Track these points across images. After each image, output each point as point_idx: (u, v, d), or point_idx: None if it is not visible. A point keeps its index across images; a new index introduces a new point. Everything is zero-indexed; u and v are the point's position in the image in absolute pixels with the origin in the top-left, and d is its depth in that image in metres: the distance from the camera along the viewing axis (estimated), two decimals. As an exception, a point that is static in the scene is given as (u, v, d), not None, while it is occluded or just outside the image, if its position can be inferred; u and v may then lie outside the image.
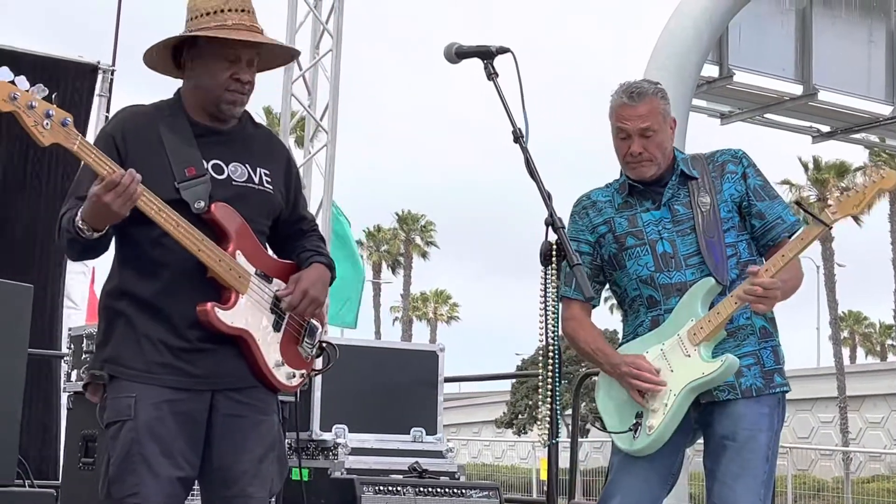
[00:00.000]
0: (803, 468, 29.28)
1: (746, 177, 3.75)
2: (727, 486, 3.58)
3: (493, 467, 33.75)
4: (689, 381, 3.56)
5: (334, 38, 9.40)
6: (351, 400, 5.41)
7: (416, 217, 53.18)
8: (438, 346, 5.79)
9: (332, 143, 9.35)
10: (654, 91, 3.74)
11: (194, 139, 3.33)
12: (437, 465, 5.39)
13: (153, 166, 3.25)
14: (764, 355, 3.69)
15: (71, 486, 5.21)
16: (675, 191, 3.74)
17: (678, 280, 3.66)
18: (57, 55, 7.89)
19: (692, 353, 3.58)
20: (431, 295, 56.56)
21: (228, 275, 3.24)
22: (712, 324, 3.56)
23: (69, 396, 5.40)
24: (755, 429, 3.61)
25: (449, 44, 3.52)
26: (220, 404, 3.27)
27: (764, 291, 3.49)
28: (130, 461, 3.17)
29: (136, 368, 3.24)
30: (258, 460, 3.29)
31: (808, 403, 34.39)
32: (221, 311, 3.23)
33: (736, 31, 14.67)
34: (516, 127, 3.33)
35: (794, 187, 39.90)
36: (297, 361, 3.41)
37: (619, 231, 3.76)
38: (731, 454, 3.60)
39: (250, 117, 3.53)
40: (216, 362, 3.26)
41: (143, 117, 3.37)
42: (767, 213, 3.72)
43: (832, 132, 17.26)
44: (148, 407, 3.19)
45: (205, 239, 3.22)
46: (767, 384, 3.66)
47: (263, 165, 3.42)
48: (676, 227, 3.71)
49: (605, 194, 3.86)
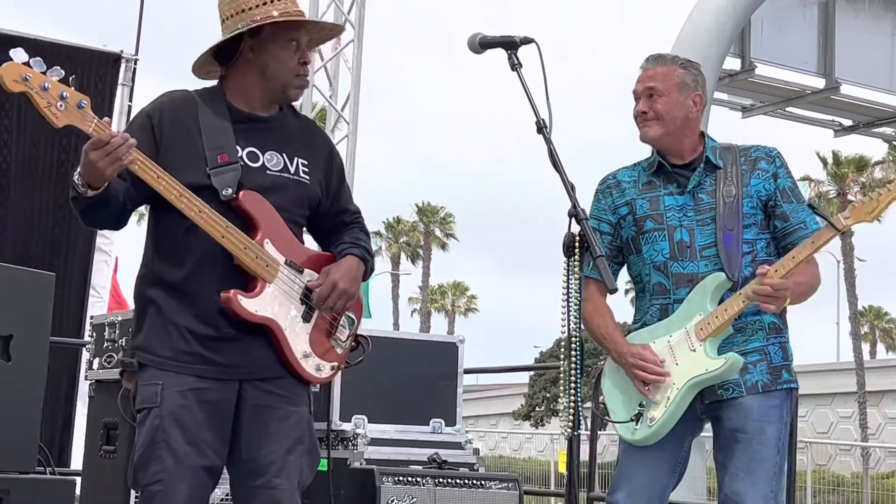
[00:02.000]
0: (822, 463, 29.19)
1: (777, 177, 3.73)
2: (739, 478, 3.59)
3: (511, 459, 33.74)
4: (692, 376, 3.58)
5: (356, 29, 9.42)
6: (370, 390, 5.40)
7: (435, 209, 53.17)
8: (458, 337, 5.78)
9: (353, 133, 9.36)
10: (674, 59, 3.77)
11: (231, 126, 3.33)
12: (456, 457, 5.38)
13: (187, 151, 3.28)
14: (772, 351, 3.68)
15: (92, 474, 5.22)
16: (701, 178, 3.72)
17: (691, 271, 3.66)
18: (81, 44, 7.92)
19: (698, 347, 3.59)
20: (449, 287, 56.58)
21: (254, 263, 3.23)
22: (719, 320, 3.57)
23: (91, 384, 5.42)
24: (764, 420, 3.61)
25: (473, 34, 3.51)
26: (248, 394, 3.27)
27: (772, 291, 3.49)
28: (155, 449, 3.18)
29: (164, 356, 3.26)
30: (286, 452, 3.26)
31: (827, 398, 34.29)
32: (245, 299, 3.22)
33: (758, 23, 14.63)
34: (539, 118, 3.31)
35: (814, 182, 39.69)
36: (328, 353, 3.39)
37: (639, 213, 3.75)
38: (742, 447, 3.60)
39: (292, 107, 3.53)
40: (243, 351, 3.26)
41: (183, 102, 3.37)
42: (792, 216, 3.71)
43: (854, 126, 17.21)
44: (174, 395, 3.21)
45: (230, 226, 3.21)
46: (775, 380, 3.66)
47: (302, 156, 3.41)
48: (697, 216, 3.69)
49: (631, 174, 3.85)
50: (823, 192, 39.40)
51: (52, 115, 2.99)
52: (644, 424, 3.63)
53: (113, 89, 8.06)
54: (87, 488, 5.21)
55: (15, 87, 2.97)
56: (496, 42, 3.45)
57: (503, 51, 3.42)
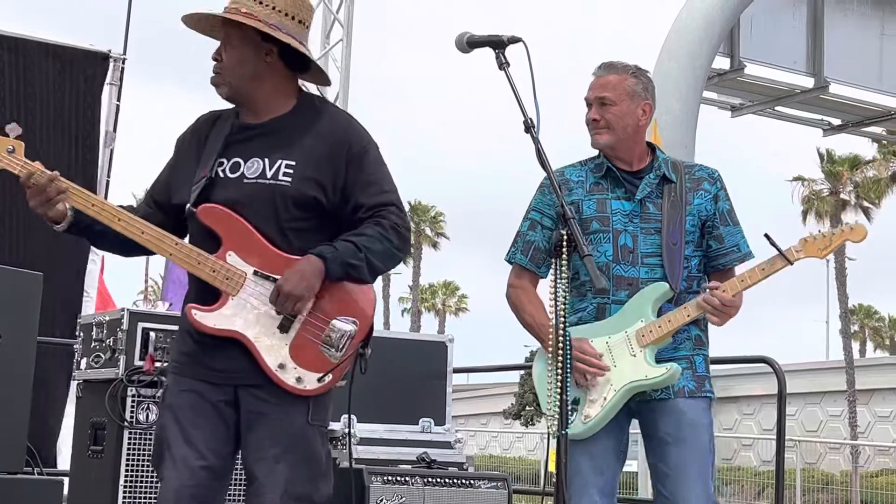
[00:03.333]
0: (811, 462, 29.26)
1: (718, 199, 3.87)
2: (674, 479, 3.71)
3: (501, 458, 33.75)
4: (631, 380, 3.69)
5: (345, 28, 9.42)
6: (359, 390, 5.38)
7: (426, 208, 53.16)
8: (447, 336, 5.78)
9: (342, 133, 9.34)
10: (625, 68, 3.84)
11: (224, 139, 3.36)
12: (446, 456, 5.38)
13: (187, 173, 3.38)
14: (696, 361, 3.81)
15: (80, 474, 5.21)
16: (651, 189, 3.81)
17: (632, 275, 3.75)
18: (68, 43, 7.89)
19: (638, 353, 3.70)
20: (439, 286, 56.59)
21: (210, 277, 3.24)
22: (663, 329, 3.71)
23: (78, 385, 5.40)
24: (696, 422, 3.75)
25: (461, 33, 3.49)
26: (243, 400, 3.27)
27: (722, 306, 3.66)
28: (159, 445, 3.31)
29: (174, 359, 3.41)
30: (273, 460, 3.23)
31: (816, 397, 34.36)
32: (201, 314, 3.24)
33: (747, 23, 14.65)
34: (527, 117, 3.31)
35: (807, 182, 39.72)
36: (314, 364, 3.25)
37: (585, 213, 3.81)
38: (677, 448, 3.72)
39: (311, 102, 3.45)
40: (231, 358, 3.26)
41: (203, 124, 3.48)
42: (726, 239, 3.85)
43: (843, 125, 17.24)
44: (174, 395, 3.32)
45: (180, 243, 3.27)
46: (699, 387, 3.79)
47: (290, 156, 3.30)
48: (643, 224, 3.78)
49: (579, 174, 3.90)
50: (817, 191, 39.43)
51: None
52: (578, 420, 3.69)
53: (100, 89, 8.04)
54: (74, 488, 5.20)
55: None
56: (484, 41, 3.44)
57: (491, 50, 3.42)
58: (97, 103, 8.00)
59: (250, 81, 3.35)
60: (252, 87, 3.35)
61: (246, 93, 3.36)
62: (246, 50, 3.32)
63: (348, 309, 3.29)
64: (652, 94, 3.87)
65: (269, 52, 3.35)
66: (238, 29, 3.32)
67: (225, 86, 3.35)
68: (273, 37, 3.31)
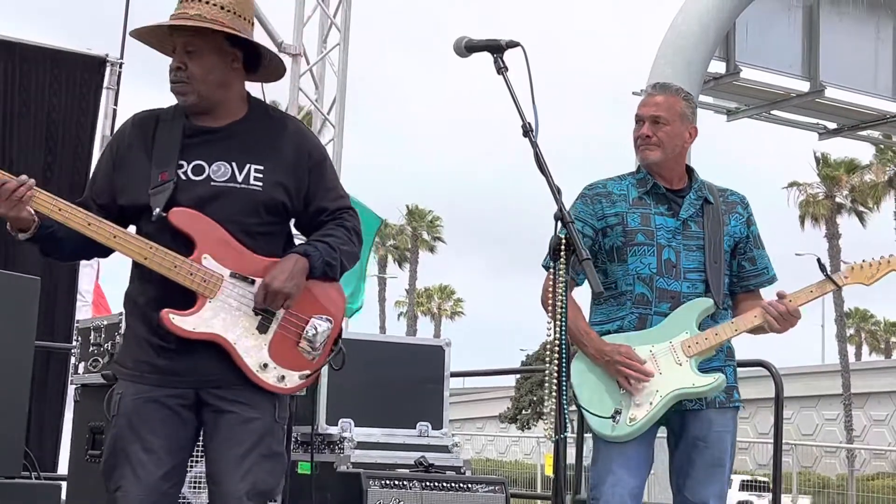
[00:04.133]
0: (807, 465, 29.28)
1: (750, 223, 4.08)
2: (699, 481, 3.92)
3: (497, 462, 33.75)
4: (678, 387, 3.85)
5: (342, 32, 9.42)
6: (357, 394, 5.40)
7: (423, 212, 53.14)
8: (444, 340, 5.78)
9: (339, 136, 9.36)
10: (678, 91, 4.05)
11: (181, 141, 3.32)
12: (443, 460, 5.38)
13: (137, 173, 3.31)
14: (727, 372, 3.98)
15: (78, 478, 5.21)
16: (695, 209, 3.99)
17: (674, 289, 3.90)
18: (66, 48, 7.90)
19: (684, 362, 3.86)
20: (435, 290, 56.56)
21: (187, 280, 3.22)
22: (709, 342, 3.88)
23: (76, 389, 5.40)
24: (724, 431, 3.96)
25: (459, 38, 3.50)
26: (206, 400, 3.27)
27: (787, 313, 3.87)
28: (115, 456, 3.25)
29: (127, 367, 3.34)
30: (241, 458, 3.23)
31: (812, 401, 34.40)
32: (179, 318, 3.21)
33: (743, 27, 14.67)
34: (526, 121, 3.31)
35: (802, 186, 39.73)
36: (295, 362, 3.31)
37: (630, 226, 3.95)
38: (704, 454, 3.92)
39: (264, 109, 3.48)
40: (197, 361, 3.25)
41: (144, 124, 3.39)
42: (759, 261, 4.07)
43: (839, 129, 17.28)
44: (129, 403, 3.26)
45: (154, 247, 3.21)
46: (729, 398, 4.00)
47: (258, 161, 3.33)
48: (685, 241, 3.95)
49: (620, 187, 4.04)
50: (813, 195, 39.45)
51: None
52: (623, 423, 3.84)
53: (98, 93, 8.05)
54: (72, 493, 5.20)
55: None
56: (482, 46, 3.44)
57: (489, 54, 3.42)
58: (94, 108, 8.01)
59: (218, 89, 3.33)
60: (220, 94, 3.34)
61: (215, 100, 3.34)
62: (213, 57, 3.30)
63: (322, 307, 3.36)
64: (696, 119, 4.08)
65: (234, 56, 3.35)
66: (202, 37, 3.28)
67: (193, 94, 3.30)
68: (237, 41, 3.31)
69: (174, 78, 3.30)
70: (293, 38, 9.36)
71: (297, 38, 9.38)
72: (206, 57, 3.29)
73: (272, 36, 9.11)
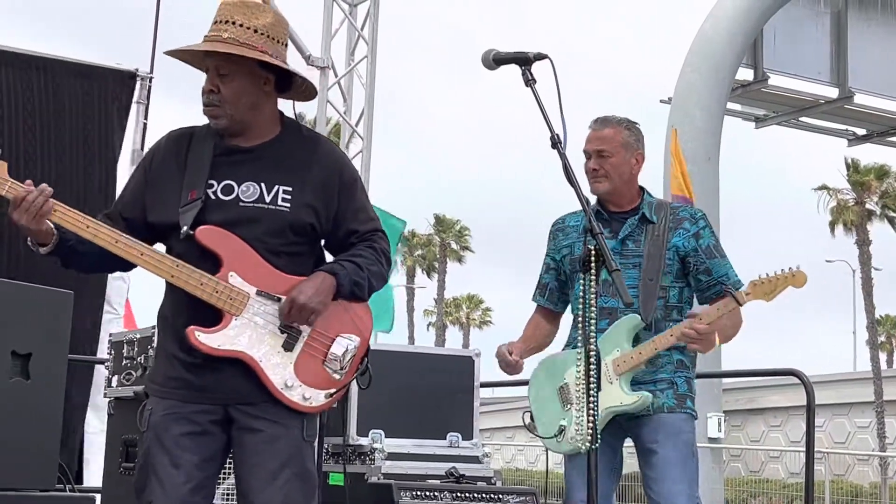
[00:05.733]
0: (840, 473, 29.05)
1: (699, 237, 4.25)
2: (659, 481, 4.10)
3: (527, 472, 33.67)
4: (608, 406, 4.05)
5: (369, 44, 9.45)
6: (387, 405, 5.41)
7: (451, 222, 53.15)
8: (474, 350, 5.78)
9: (367, 148, 9.38)
10: (619, 122, 4.28)
11: (211, 160, 3.35)
12: (474, 471, 5.38)
13: (168, 191, 3.34)
14: (678, 381, 4.20)
15: (112, 491, 5.24)
16: (633, 228, 4.23)
17: (611, 306, 4.12)
18: (96, 63, 7.96)
19: (614, 381, 4.10)
20: (464, 299, 56.52)
21: (213, 298, 3.24)
22: (634, 360, 4.09)
23: (109, 402, 5.44)
24: (677, 430, 4.14)
25: (487, 50, 3.53)
26: (235, 417, 3.28)
27: (698, 335, 4.04)
28: (145, 471, 3.28)
29: (157, 383, 3.38)
30: (271, 476, 3.24)
31: (844, 408, 34.14)
32: (205, 335, 3.23)
33: (770, 34, 14.64)
34: (554, 133, 3.34)
35: (832, 191, 39.51)
36: (319, 381, 3.31)
37: (576, 253, 4.22)
38: (661, 454, 4.11)
39: (298, 129, 3.50)
40: (224, 378, 3.27)
41: (178, 141, 3.43)
42: (714, 271, 4.24)
43: (868, 135, 17.20)
44: (158, 419, 3.29)
45: (181, 265, 3.24)
46: (680, 404, 4.18)
47: (286, 183, 3.35)
48: (622, 260, 4.14)
49: (576, 219, 4.37)
50: (842, 201, 39.22)
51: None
52: (567, 439, 4.18)
53: (128, 107, 8.09)
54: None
55: None
56: (510, 58, 3.47)
57: (517, 67, 3.44)
58: (124, 122, 8.06)
59: (250, 111, 3.37)
60: (251, 116, 3.38)
61: (246, 122, 3.38)
62: (245, 81, 3.34)
63: (349, 326, 3.37)
64: (643, 144, 4.32)
65: (266, 80, 3.38)
66: (235, 61, 3.31)
67: (224, 117, 3.34)
68: (269, 65, 3.34)
69: (207, 101, 3.34)
70: (321, 51, 9.39)
71: (326, 51, 9.41)
72: (238, 81, 3.32)
73: (300, 49, 9.15)
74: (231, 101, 3.32)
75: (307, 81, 3.48)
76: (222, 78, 3.32)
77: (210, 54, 3.32)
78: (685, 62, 13.73)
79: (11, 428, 4.60)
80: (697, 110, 13.15)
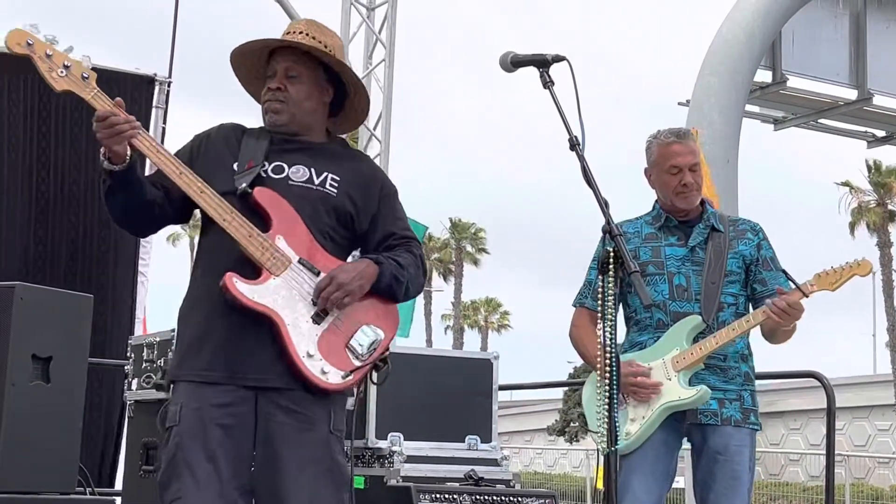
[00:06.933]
0: (860, 476, 28.94)
1: (761, 247, 4.32)
2: (721, 493, 4.11)
3: (546, 475, 33.64)
4: (666, 401, 4.10)
5: (387, 48, 9.48)
6: (406, 408, 5.42)
7: (467, 225, 53.16)
8: (493, 353, 5.78)
9: (385, 152, 9.41)
10: (690, 135, 4.35)
11: (268, 145, 3.43)
12: (493, 473, 5.38)
13: (219, 164, 3.40)
14: (745, 395, 4.23)
15: (132, 494, 5.27)
16: (703, 237, 4.27)
17: (686, 310, 4.18)
18: (114, 67, 7.99)
19: (673, 377, 4.12)
20: (482, 303, 56.49)
21: (258, 251, 3.25)
22: (694, 356, 4.11)
23: (130, 405, 5.47)
24: (742, 445, 4.16)
25: (504, 52, 3.53)
26: (263, 410, 3.25)
27: (787, 308, 4.01)
28: (175, 467, 3.22)
29: (182, 370, 3.33)
30: (298, 470, 3.22)
31: (864, 411, 34.00)
32: (243, 284, 3.22)
33: (789, 35, 14.58)
34: (572, 135, 3.33)
35: (854, 190, 39.36)
36: (339, 360, 3.30)
37: (642, 258, 4.24)
38: (723, 466, 4.12)
39: (342, 142, 3.64)
40: (254, 357, 3.24)
41: (232, 130, 3.52)
42: (770, 282, 4.25)
43: (887, 136, 17.11)
44: (191, 413, 3.24)
45: (235, 212, 3.26)
46: (745, 419, 4.20)
47: (335, 172, 3.44)
48: (694, 267, 4.23)
49: (634, 226, 4.36)
50: (864, 202, 39.08)
51: (52, 80, 3.18)
52: (620, 438, 3.96)
53: (147, 112, 8.12)
54: (126, 508, 5.25)
55: (18, 49, 3.16)
56: (528, 60, 3.46)
57: (535, 69, 3.44)
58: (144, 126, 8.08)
59: (309, 115, 3.49)
60: (309, 119, 3.50)
61: (304, 125, 3.49)
62: (311, 86, 3.48)
63: (377, 320, 3.40)
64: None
65: (327, 92, 3.53)
66: (304, 64, 3.45)
67: (286, 114, 3.45)
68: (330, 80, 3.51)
69: (271, 97, 3.45)
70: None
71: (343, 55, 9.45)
72: (305, 84, 3.46)
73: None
74: (296, 101, 3.45)
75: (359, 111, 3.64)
76: (290, 79, 3.45)
77: (284, 55, 3.44)
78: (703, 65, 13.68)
79: (32, 431, 4.62)
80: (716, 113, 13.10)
